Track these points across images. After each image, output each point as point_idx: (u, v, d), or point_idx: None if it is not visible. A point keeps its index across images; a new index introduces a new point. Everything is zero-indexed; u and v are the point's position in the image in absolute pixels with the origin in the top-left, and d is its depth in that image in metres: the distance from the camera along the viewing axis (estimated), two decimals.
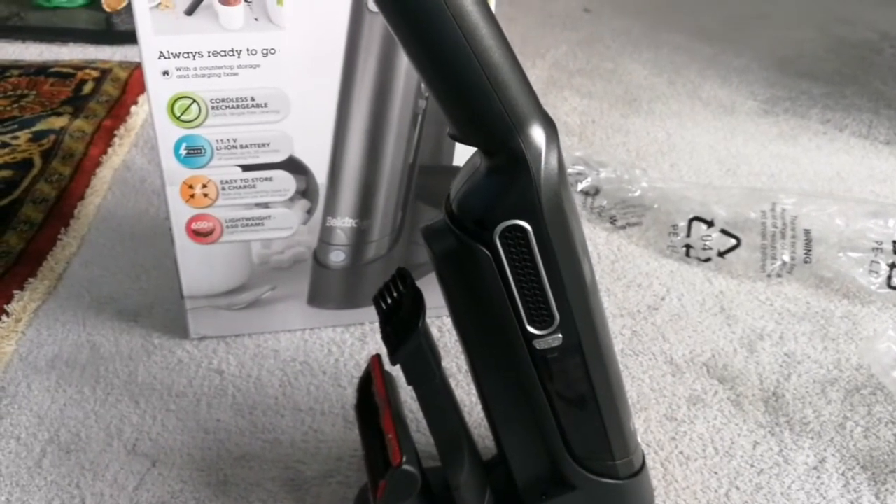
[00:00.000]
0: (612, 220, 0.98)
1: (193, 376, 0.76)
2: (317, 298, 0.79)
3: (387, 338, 0.53)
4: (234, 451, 0.69)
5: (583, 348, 0.53)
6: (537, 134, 0.46)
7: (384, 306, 0.55)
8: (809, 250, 0.89)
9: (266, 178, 0.72)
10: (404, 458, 0.54)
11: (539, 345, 0.52)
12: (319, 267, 0.78)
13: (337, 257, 0.77)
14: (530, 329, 0.51)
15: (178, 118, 0.68)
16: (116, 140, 1.09)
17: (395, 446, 0.55)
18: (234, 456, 0.69)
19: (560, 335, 0.51)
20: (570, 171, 1.04)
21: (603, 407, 0.56)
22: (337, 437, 0.70)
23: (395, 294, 0.55)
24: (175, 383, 0.75)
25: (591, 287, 0.53)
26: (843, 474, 0.68)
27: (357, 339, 0.81)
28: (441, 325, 0.82)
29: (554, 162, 0.46)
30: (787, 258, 0.89)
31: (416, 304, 0.53)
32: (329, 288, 0.79)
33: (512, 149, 0.46)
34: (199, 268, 0.75)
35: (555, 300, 0.50)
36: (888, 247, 0.88)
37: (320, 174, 0.73)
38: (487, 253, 0.48)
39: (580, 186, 1.02)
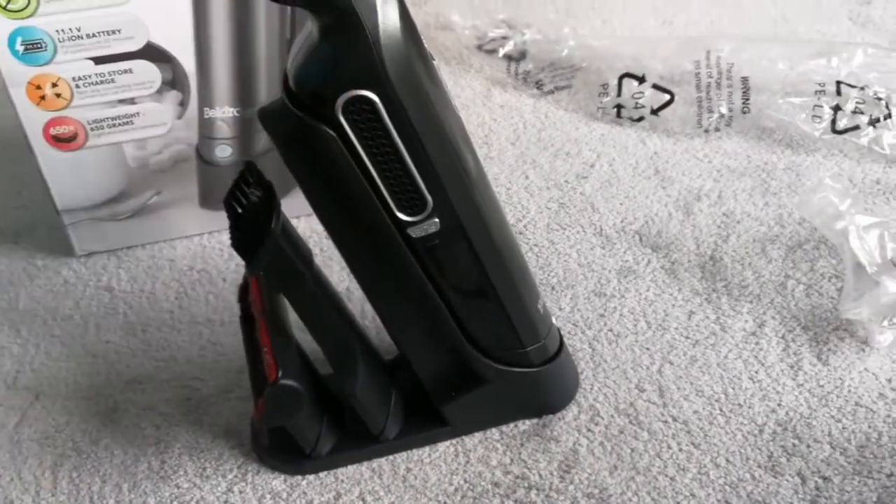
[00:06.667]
0: (539, 86, 0.91)
1: (80, 297, 0.70)
2: (209, 199, 0.72)
3: (238, 245, 0.47)
4: (125, 374, 0.64)
5: (466, 231, 0.46)
6: None
7: (239, 209, 0.48)
8: (748, 99, 0.82)
9: (125, 71, 0.64)
10: (280, 373, 0.49)
11: (415, 232, 0.45)
12: (205, 165, 0.70)
13: (223, 152, 0.70)
14: (401, 216, 0.44)
15: (3, 8, 0.58)
16: None
17: (270, 360, 0.50)
18: (124, 380, 0.63)
19: (437, 219, 0.45)
20: (490, 35, 0.95)
21: (502, 293, 0.50)
22: (237, 349, 0.65)
23: (246, 193, 0.48)
24: (60, 306, 0.69)
25: (470, 159, 0.46)
26: (782, 337, 0.63)
27: None
28: None
29: (394, 15, 0.38)
30: (724, 110, 0.82)
31: (269, 200, 0.46)
32: (220, 187, 0.71)
33: (338, 3, 0.38)
34: (69, 178, 0.68)
35: (423, 180, 0.43)
36: (831, 88, 0.81)
37: (186, 60, 0.64)
38: (332, 133, 0.40)
39: (503, 51, 0.93)
